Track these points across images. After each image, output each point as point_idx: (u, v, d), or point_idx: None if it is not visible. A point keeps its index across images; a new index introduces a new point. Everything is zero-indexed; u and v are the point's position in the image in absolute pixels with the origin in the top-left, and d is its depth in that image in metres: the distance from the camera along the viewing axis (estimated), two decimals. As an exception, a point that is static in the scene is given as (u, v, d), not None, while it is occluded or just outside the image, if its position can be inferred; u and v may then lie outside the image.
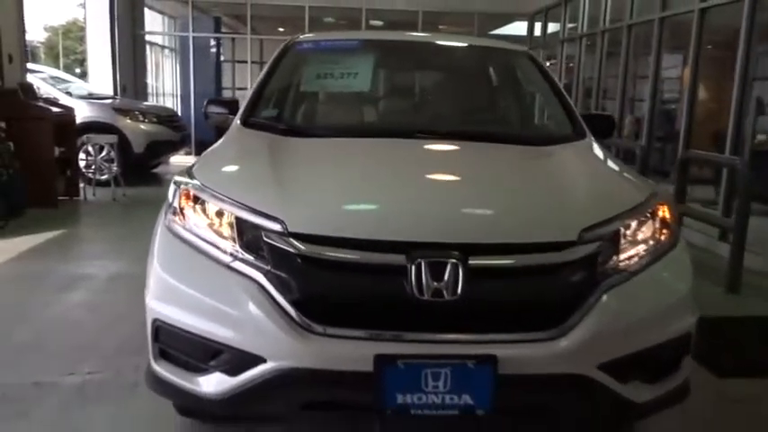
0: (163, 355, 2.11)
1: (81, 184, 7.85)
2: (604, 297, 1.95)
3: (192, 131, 10.98)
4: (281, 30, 14.07)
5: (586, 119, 3.18)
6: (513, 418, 2.10)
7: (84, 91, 10.03)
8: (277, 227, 1.93)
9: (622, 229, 2.07)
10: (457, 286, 1.83)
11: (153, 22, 14.29)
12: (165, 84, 14.92)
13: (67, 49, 39.75)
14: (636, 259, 2.07)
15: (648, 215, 2.18)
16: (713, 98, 7.32)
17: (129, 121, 8.89)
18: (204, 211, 2.10)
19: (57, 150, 7.30)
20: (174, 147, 9.54)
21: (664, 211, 2.23)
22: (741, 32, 5.71)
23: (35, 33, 40.57)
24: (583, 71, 9.76)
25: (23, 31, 7.83)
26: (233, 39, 14.51)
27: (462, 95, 3.39)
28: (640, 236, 2.12)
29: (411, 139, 2.68)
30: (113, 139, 8.23)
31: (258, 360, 1.87)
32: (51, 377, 3.01)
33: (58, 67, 29.09)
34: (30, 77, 8.29)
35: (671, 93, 7.83)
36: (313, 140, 2.72)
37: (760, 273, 5.18)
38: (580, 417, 2.06)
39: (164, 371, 2.10)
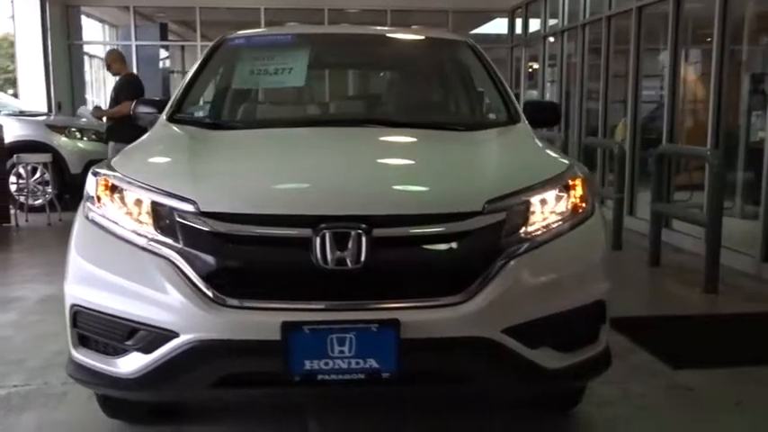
0: (82, 341, 2.47)
1: (12, 210, 8.12)
2: (509, 264, 2.33)
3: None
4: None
5: (531, 107, 3.62)
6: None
7: (15, 109, 10.39)
8: (190, 207, 2.31)
9: (532, 200, 2.47)
10: (360, 255, 2.21)
11: (93, 32, 14.78)
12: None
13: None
14: (545, 229, 2.46)
15: (562, 188, 2.58)
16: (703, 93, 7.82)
17: (64, 138, 9.21)
18: (121, 198, 2.47)
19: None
20: (116, 166, 9.84)
21: (577, 185, 2.63)
22: (715, 22, 6.23)
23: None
24: (567, 70, 10.30)
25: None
26: (182, 47, 15.00)
27: (396, 86, 3.84)
28: (552, 207, 2.52)
29: (334, 127, 3.10)
30: (47, 158, 8.52)
31: (171, 335, 2.24)
32: None
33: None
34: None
35: (655, 90, 8.33)
36: (234, 132, 3.14)
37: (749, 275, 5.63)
38: (492, 382, 2.42)
39: (83, 357, 2.45)
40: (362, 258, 2.22)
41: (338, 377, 2.22)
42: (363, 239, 2.23)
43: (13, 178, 8.65)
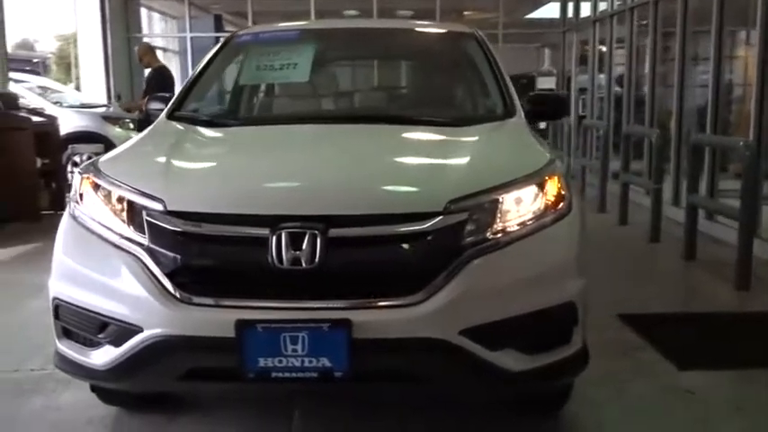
0: (66, 333, 2.59)
1: (67, 198, 8.49)
2: (470, 265, 2.32)
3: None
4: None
5: (537, 100, 3.57)
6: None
7: (76, 101, 10.85)
8: (158, 206, 2.39)
9: (501, 199, 2.44)
10: (315, 255, 2.24)
11: (156, 23, 15.21)
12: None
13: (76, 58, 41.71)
14: (512, 228, 2.43)
15: (537, 185, 2.54)
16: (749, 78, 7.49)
17: (118, 129, 9.62)
18: (100, 196, 2.58)
19: (39, 162, 8.01)
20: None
21: (554, 182, 2.59)
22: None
23: (47, 44, 42.91)
24: (617, 54, 10.02)
25: (4, 42, 8.62)
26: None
27: (396, 80, 3.84)
28: (522, 205, 2.48)
29: (323, 124, 3.13)
30: (99, 148, 8.91)
31: (137, 330, 2.33)
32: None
33: (69, 78, 30.68)
34: (17, 88, 9.11)
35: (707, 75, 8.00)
36: (223, 129, 3.21)
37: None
38: (450, 383, 2.41)
39: (66, 348, 2.57)
40: (317, 258, 2.25)
41: (291, 375, 2.26)
42: (318, 239, 2.25)
43: (69, 167, 9.07)
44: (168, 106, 3.50)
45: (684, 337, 4.11)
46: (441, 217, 2.33)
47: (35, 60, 35.48)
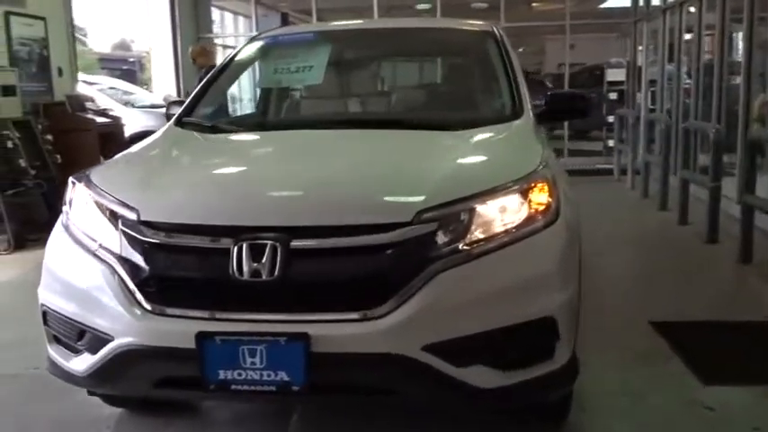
0: (55, 339, 2.66)
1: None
2: (436, 278, 2.23)
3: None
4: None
5: (554, 99, 3.44)
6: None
7: (146, 101, 11.23)
8: (133, 216, 2.42)
9: (477, 208, 2.34)
10: (275, 267, 2.22)
11: (229, 22, 15.54)
12: (244, 89, 16.10)
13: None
14: (487, 239, 2.32)
15: (518, 195, 2.42)
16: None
17: (181, 128, 9.87)
18: (85, 205, 2.63)
19: (103, 161, 8.33)
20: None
21: (539, 191, 2.46)
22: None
23: (143, 43, 44.69)
24: (687, 44, 9.53)
25: (73, 44, 9.00)
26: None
27: (403, 82, 3.75)
28: (500, 215, 2.38)
29: (312, 130, 3.10)
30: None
31: (108, 338, 2.36)
32: (17, 370, 3.70)
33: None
34: (88, 89, 9.50)
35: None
36: (219, 136, 3.23)
37: None
38: (416, 397, 2.34)
39: (54, 353, 2.65)
40: (277, 270, 2.22)
41: (250, 388, 2.24)
42: (279, 251, 2.23)
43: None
44: (179, 112, 3.55)
45: (718, 347, 3.87)
46: (407, 228, 2.26)
47: (131, 60, 36.92)
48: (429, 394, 2.32)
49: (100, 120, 8.50)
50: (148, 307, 2.32)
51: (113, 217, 2.50)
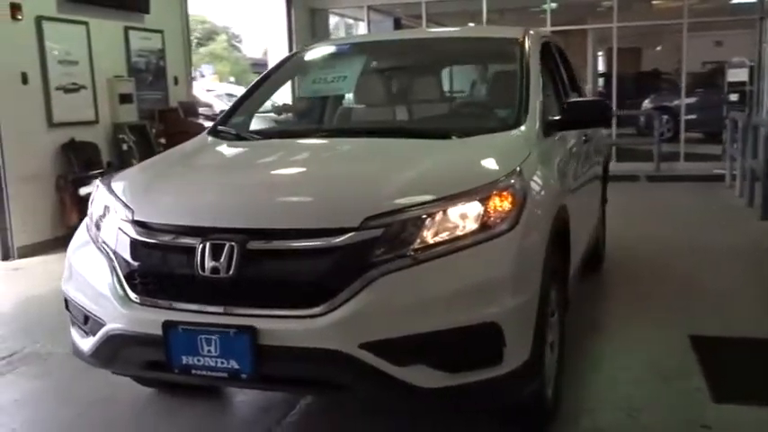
0: (73, 323, 3.03)
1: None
2: (377, 281, 2.37)
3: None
4: (470, 25, 14.80)
5: (572, 107, 3.46)
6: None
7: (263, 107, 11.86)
8: (129, 215, 2.74)
9: (425, 216, 2.45)
10: (231, 265, 2.45)
11: (343, 29, 16.03)
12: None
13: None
14: (434, 245, 2.43)
15: (475, 202, 2.51)
16: None
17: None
18: (101, 204, 2.98)
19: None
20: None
21: (498, 199, 2.54)
22: None
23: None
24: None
25: (189, 54, 9.73)
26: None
27: (419, 92, 3.87)
28: (452, 222, 2.48)
29: (306, 140, 3.33)
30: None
31: (102, 323, 2.70)
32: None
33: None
34: (205, 95, 10.23)
35: None
36: (235, 144, 3.51)
37: None
38: (360, 393, 2.49)
39: (73, 335, 3.02)
40: (233, 268, 2.45)
41: (207, 374, 2.49)
42: (236, 251, 2.45)
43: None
44: (216, 120, 3.87)
45: (747, 366, 3.69)
46: (352, 233, 2.41)
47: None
48: (373, 391, 2.46)
49: (209, 124, 9.12)
50: (133, 297, 2.63)
51: (115, 215, 2.83)
